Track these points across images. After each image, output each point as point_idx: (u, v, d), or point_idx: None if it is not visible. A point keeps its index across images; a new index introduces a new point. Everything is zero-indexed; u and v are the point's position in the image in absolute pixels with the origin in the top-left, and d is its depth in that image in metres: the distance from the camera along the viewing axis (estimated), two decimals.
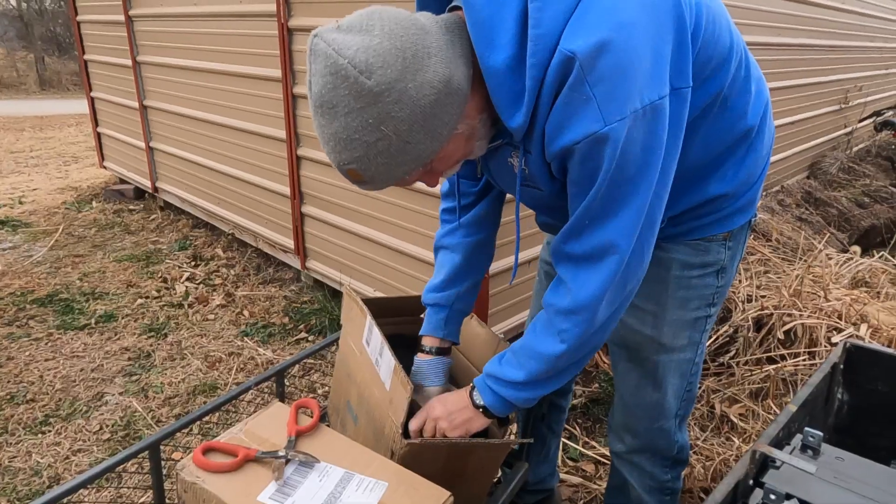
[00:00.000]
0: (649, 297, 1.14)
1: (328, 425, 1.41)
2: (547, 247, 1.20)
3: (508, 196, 1.24)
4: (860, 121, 5.98)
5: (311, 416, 1.17)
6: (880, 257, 3.28)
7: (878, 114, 5.94)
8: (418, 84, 0.78)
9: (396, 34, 0.78)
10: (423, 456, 1.08)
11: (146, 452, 1.21)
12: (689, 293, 1.13)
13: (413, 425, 1.13)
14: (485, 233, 1.26)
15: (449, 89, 0.81)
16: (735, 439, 2.10)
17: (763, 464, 1.05)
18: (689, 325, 1.16)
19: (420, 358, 1.26)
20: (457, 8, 0.91)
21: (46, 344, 2.71)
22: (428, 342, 1.27)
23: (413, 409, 1.11)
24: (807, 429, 1.13)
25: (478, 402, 1.08)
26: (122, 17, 3.99)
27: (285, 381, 1.59)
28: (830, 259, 3.06)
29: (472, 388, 1.11)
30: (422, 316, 1.54)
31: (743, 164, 1.05)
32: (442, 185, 1.28)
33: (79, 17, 4.71)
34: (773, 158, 4.37)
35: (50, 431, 2.15)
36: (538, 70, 0.79)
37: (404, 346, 1.31)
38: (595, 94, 0.77)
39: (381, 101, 0.77)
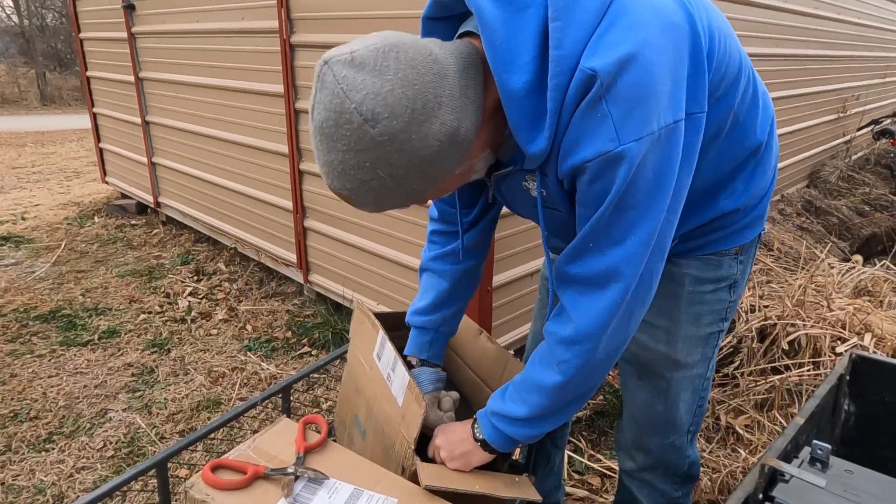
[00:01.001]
0: (662, 313, 1.13)
1: (335, 439, 1.41)
2: (547, 264, 1.19)
3: (504, 211, 1.24)
4: (858, 129, 6.01)
5: (319, 433, 1.17)
6: (882, 266, 3.28)
7: (876, 122, 5.97)
8: (422, 135, 0.77)
9: (410, 81, 0.76)
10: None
11: (153, 471, 1.21)
12: (702, 308, 1.12)
13: (428, 452, 1.13)
14: (474, 261, 1.25)
15: (454, 140, 0.80)
16: (741, 451, 2.09)
17: (772, 477, 1.05)
18: (702, 341, 1.15)
19: (417, 367, 1.27)
20: (468, 33, 0.89)
21: (50, 360, 2.71)
22: (412, 359, 1.28)
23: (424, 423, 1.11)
24: (815, 441, 1.13)
25: (478, 435, 1.07)
26: (124, 35, 4.02)
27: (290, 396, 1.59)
28: (832, 268, 3.06)
29: (475, 420, 1.09)
30: None
31: (752, 178, 1.05)
32: (430, 209, 1.28)
33: (81, 35, 4.75)
34: None
35: (53, 449, 2.14)
36: (559, 91, 0.77)
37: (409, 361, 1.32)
38: (612, 112, 0.76)
39: (382, 149, 0.77)
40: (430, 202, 1.00)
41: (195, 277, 3.59)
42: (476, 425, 1.08)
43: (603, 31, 0.76)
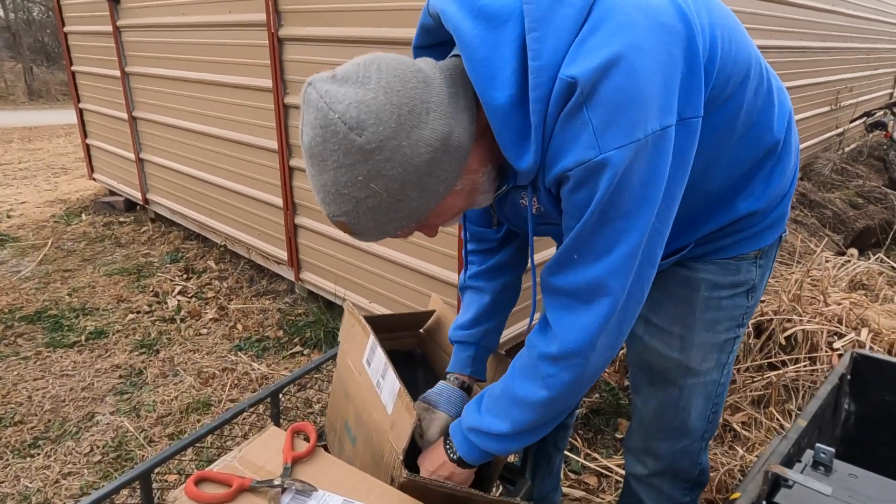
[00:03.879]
0: (675, 320, 1.08)
1: (325, 444, 1.38)
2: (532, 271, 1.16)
3: None
4: (852, 121, 6.00)
5: (308, 441, 1.13)
6: (877, 259, 3.27)
7: (868, 114, 5.96)
8: (413, 142, 0.74)
9: (393, 88, 0.74)
10: (425, 488, 1.04)
11: (138, 482, 1.17)
12: (718, 314, 1.07)
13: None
14: (511, 276, 1.22)
15: (447, 146, 0.77)
16: (738, 448, 2.07)
17: (775, 482, 1.02)
18: (717, 348, 1.10)
19: (444, 382, 1.23)
20: (455, 55, 0.85)
21: (35, 363, 2.66)
22: (454, 376, 1.24)
23: (415, 433, 1.08)
24: (818, 445, 1.10)
25: (452, 456, 1.04)
26: (109, 28, 3.95)
27: (281, 397, 1.55)
28: (828, 262, 3.04)
29: (446, 439, 1.05)
30: (420, 330, 1.52)
31: (771, 179, 1.01)
32: (463, 232, 1.25)
33: (66, 28, 4.66)
34: None
35: (39, 454, 2.10)
36: (541, 104, 0.74)
37: (401, 362, 1.28)
38: (592, 119, 0.72)
39: (372, 159, 0.74)
40: (438, 230, 0.94)
41: (184, 276, 3.53)
42: (448, 443, 1.05)
43: (584, 37, 0.73)
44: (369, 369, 1.17)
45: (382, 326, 1.34)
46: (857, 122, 6.07)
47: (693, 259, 1.05)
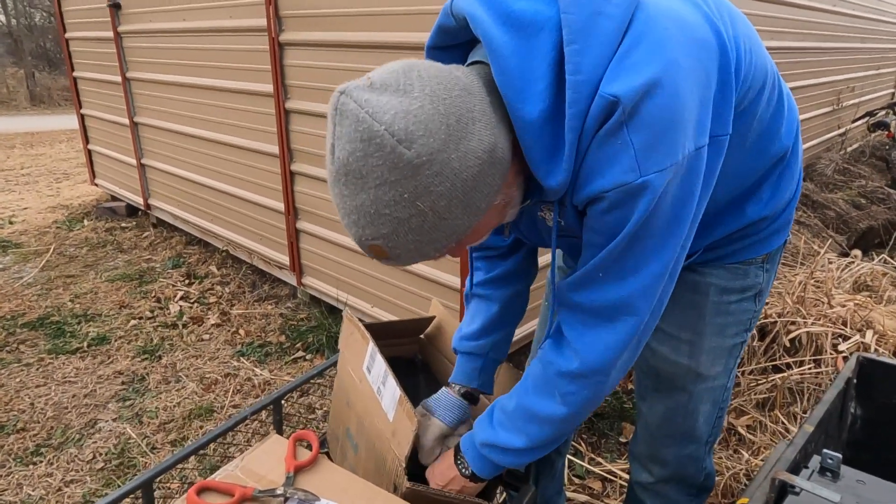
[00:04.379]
0: (684, 325, 1.08)
1: (328, 452, 1.37)
2: (550, 280, 1.14)
3: None
4: (854, 121, 5.99)
5: (310, 449, 1.12)
6: (881, 260, 3.26)
7: (870, 114, 5.95)
8: (462, 154, 0.68)
9: (439, 96, 0.68)
10: (427, 497, 1.04)
11: (139, 491, 1.16)
12: (727, 319, 1.07)
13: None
14: (521, 284, 1.20)
15: (493, 158, 0.71)
16: (744, 452, 2.06)
17: (782, 490, 1.01)
18: (725, 353, 1.10)
19: (445, 390, 1.20)
20: (478, 62, 0.81)
21: (38, 369, 2.65)
22: (458, 387, 1.20)
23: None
24: (825, 451, 1.09)
25: (465, 472, 1.03)
26: (110, 34, 3.95)
27: (283, 403, 1.54)
28: (832, 263, 3.03)
29: (457, 454, 1.05)
30: (421, 336, 1.51)
31: (780, 185, 1.00)
32: None
33: (67, 34, 4.67)
34: None
35: (41, 462, 2.09)
36: (578, 120, 0.70)
37: (401, 369, 1.27)
38: (633, 141, 0.70)
39: (421, 174, 0.67)
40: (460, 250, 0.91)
41: (186, 281, 3.53)
42: (460, 458, 1.04)
43: (625, 52, 0.70)
44: (370, 376, 1.16)
45: (382, 333, 1.33)
46: (860, 123, 6.05)
47: (702, 264, 1.04)
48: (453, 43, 0.87)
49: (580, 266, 0.85)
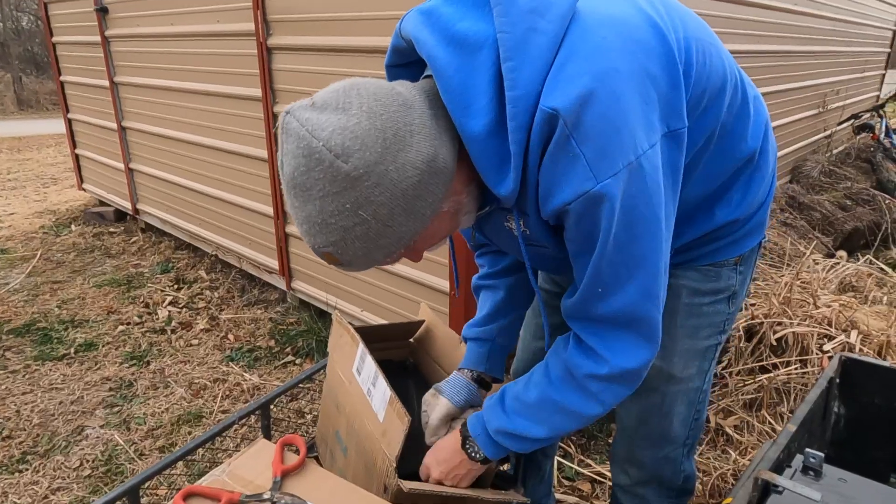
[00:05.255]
0: None
1: (317, 456, 1.37)
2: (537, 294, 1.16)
3: None
4: (839, 124, 6.06)
5: (298, 454, 1.12)
6: (866, 261, 3.30)
7: (856, 117, 6.02)
8: (399, 165, 0.73)
9: (376, 112, 0.73)
10: (418, 499, 1.04)
11: (125, 498, 1.16)
12: (700, 321, 1.08)
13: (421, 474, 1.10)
14: (525, 273, 1.22)
15: (433, 168, 0.76)
16: (731, 452, 2.07)
17: (765, 489, 1.03)
18: (699, 355, 1.11)
19: (457, 373, 1.22)
20: (429, 76, 0.85)
21: (24, 376, 2.63)
22: (467, 370, 1.22)
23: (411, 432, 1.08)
24: (807, 450, 1.10)
25: (476, 457, 1.04)
26: (98, 38, 3.93)
27: (272, 407, 1.54)
28: (818, 264, 3.07)
29: (466, 440, 1.05)
30: (410, 339, 1.51)
31: (749, 187, 1.01)
32: (465, 234, 1.24)
33: (54, 39, 4.64)
34: None
35: (27, 469, 2.07)
36: (521, 133, 0.74)
37: (392, 373, 1.27)
38: (584, 152, 0.73)
39: (360, 186, 0.72)
40: (423, 255, 0.94)
41: (175, 286, 3.51)
42: (470, 445, 1.05)
43: (560, 66, 0.73)
44: (359, 378, 1.17)
45: (372, 337, 1.33)
46: (845, 125, 6.12)
47: (674, 266, 1.05)
48: (408, 61, 0.91)
49: (577, 282, 0.88)
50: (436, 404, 1.16)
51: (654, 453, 1.20)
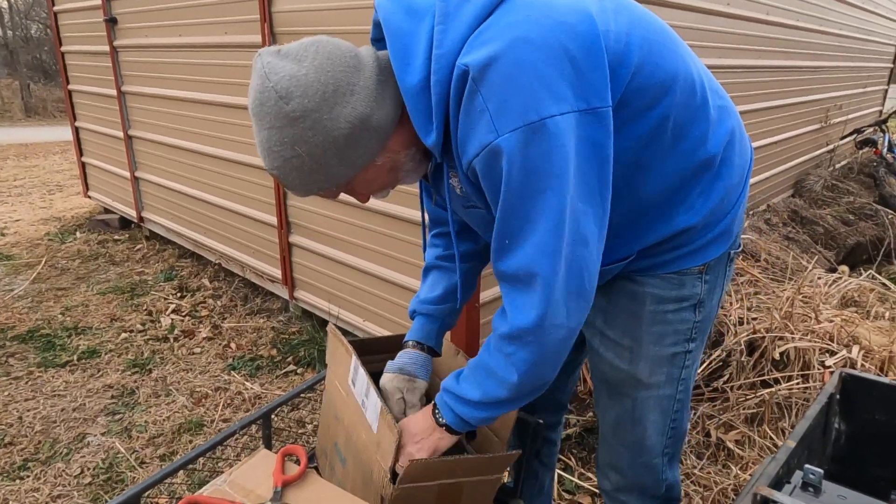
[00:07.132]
0: (625, 332, 1.11)
1: (317, 467, 1.37)
2: None
3: None
4: (842, 138, 6.07)
5: (299, 464, 1.13)
6: (868, 276, 3.30)
7: (858, 131, 6.03)
8: (334, 116, 0.85)
9: (324, 68, 0.85)
10: (415, 498, 1.04)
11: None
12: (664, 328, 1.09)
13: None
14: (476, 261, 1.29)
15: (366, 126, 0.88)
16: (732, 467, 2.07)
17: None
18: (666, 362, 1.12)
19: (413, 350, 1.25)
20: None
21: (27, 383, 2.64)
22: (420, 343, 1.27)
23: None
24: (807, 466, 1.11)
25: (441, 420, 1.06)
26: (106, 48, 3.98)
27: (273, 417, 1.54)
28: (820, 279, 3.06)
29: (435, 406, 1.08)
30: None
31: (710, 194, 1.03)
32: (430, 211, 1.28)
33: (63, 48, 4.69)
34: (758, 178, 4.41)
35: (29, 476, 2.08)
36: (441, 87, 0.84)
37: None
38: (488, 106, 0.81)
39: (296, 126, 0.85)
40: (369, 198, 1.04)
41: (178, 294, 3.53)
42: (437, 410, 1.07)
43: (480, 32, 0.83)
44: (354, 389, 1.18)
45: (368, 349, 1.35)
46: (848, 139, 6.14)
47: (639, 273, 1.07)
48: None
49: (493, 239, 0.93)
50: (414, 388, 1.21)
51: (632, 460, 1.21)
